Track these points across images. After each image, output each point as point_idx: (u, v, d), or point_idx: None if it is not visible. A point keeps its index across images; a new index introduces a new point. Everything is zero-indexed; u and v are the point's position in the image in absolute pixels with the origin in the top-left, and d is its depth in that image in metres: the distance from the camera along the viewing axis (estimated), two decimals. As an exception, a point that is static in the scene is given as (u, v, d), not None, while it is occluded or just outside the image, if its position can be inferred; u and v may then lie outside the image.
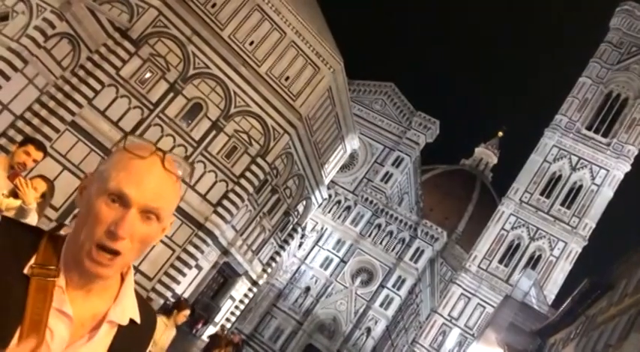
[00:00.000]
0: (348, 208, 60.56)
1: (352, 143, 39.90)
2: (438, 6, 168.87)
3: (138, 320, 1.35)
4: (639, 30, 63.70)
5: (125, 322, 1.32)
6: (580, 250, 57.31)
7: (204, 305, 33.09)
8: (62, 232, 1.58)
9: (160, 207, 1.27)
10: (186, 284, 28.91)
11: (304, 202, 37.56)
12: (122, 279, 1.36)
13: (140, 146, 1.29)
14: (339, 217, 60.17)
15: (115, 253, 1.24)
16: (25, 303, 1.17)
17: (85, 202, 1.27)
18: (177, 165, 1.32)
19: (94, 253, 1.23)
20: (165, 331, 6.98)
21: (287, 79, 29.88)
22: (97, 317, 1.30)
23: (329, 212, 60.16)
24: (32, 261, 1.24)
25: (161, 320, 6.90)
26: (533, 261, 57.38)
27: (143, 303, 1.41)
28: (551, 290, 55.24)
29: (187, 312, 7.35)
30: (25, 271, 1.22)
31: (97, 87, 24.90)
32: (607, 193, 58.41)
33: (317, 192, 38.22)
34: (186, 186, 25.85)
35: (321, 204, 44.62)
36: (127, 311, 1.34)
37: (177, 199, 1.33)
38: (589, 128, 61.27)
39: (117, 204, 1.24)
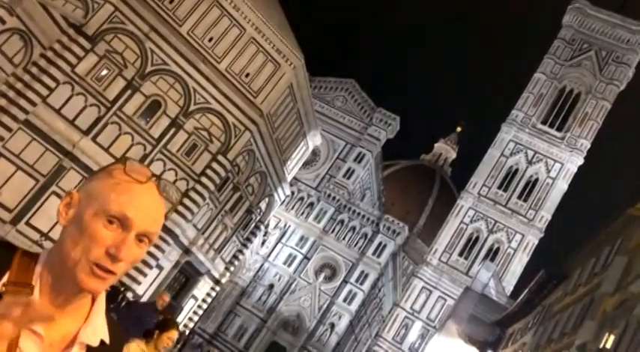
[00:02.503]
0: (311, 204, 60.67)
1: (314, 139, 39.94)
2: (396, 3, 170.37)
3: (107, 340, 1.36)
4: (589, 27, 65.72)
5: (96, 343, 1.32)
6: (537, 242, 58.90)
7: (166, 305, 32.69)
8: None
9: (155, 232, 1.32)
10: (147, 285, 28.46)
11: (267, 199, 37.43)
12: (93, 299, 1.36)
13: (137, 170, 1.32)
14: (302, 214, 60.22)
15: (112, 273, 1.27)
16: None
17: (76, 221, 1.28)
18: (169, 189, 1.35)
19: (93, 269, 1.25)
20: None
21: (247, 75, 29.69)
22: (67, 337, 1.29)
23: (292, 209, 60.14)
24: (5, 278, 1.23)
25: (137, 345, 5.60)
26: (492, 253, 58.69)
27: (111, 323, 1.41)
28: (510, 282, 56.61)
29: (174, 335, 5.76)
30: None
31: (52, 84, 24.21)
32: (562, 186, 60.17)
33: (279, 189, 38.14)
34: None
35: (284, 200, 44.54)
36: (98, 331, 1.34)
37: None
38: (544, 122, 62.94)
39: (115, 226, 1.26)
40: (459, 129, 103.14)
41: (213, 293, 37.37)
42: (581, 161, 60.70)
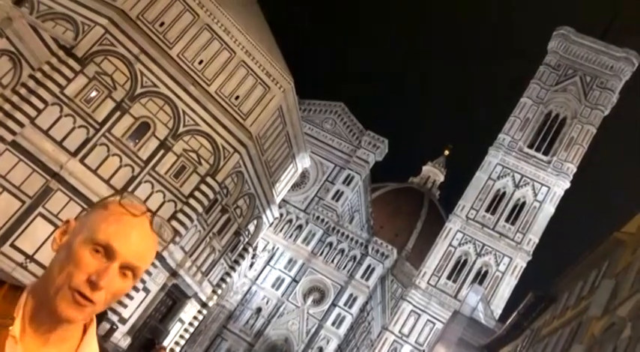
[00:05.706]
0: (300, 227, 60.46)
1: (303, 162, 40.03)
2: (385, 27, 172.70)
3: None
4: (574, 53, 66.91)
5: None
6: (524, 265, 59.00)
7: (152, 329, 32.22)
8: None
9: (140, 267, 1.31)
10: (133, 307, 28.11)
11: (255, 221, 37.29)
12: (84, 331, 1.35)
13: (132, 204, 1.34)
14: (290, 236, 59.95)
15: (91, 302, 1.26)
16: None
17: (65, 248, 1.30)
18: (163, 229, 1.37)
19: (71, 296, 1.25)
20: None
21: (237, 98, 29.83)
22: None
23: (280, 231, 59.88)
24: None
25: None
26: (480, 277, 58.66)
27: None
28: (498, 305, 56.51)
29: None
30: None
31: (40, 105, 24.14)
32: (549, 209, 60.55)
33: (268, 211, 38.04)
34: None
35: (273, 223, 44.37)
36: None
37: (152, 259, 1.39)
38: (531, 146, 63.59)
39: (100, 255, 1.27)
40: (446, 152, 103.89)
41: (200, 317, 36.94)
42: (567, 185, 61.23)
